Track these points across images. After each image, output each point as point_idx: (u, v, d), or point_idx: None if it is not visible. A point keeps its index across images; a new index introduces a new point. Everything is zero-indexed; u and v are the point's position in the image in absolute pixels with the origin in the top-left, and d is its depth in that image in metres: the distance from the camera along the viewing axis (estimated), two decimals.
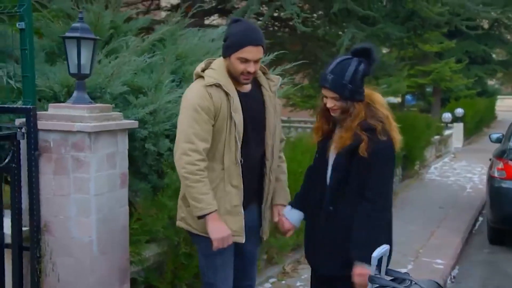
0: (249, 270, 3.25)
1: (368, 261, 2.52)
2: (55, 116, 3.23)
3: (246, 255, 3.17)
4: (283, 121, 6.23)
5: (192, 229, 3.03)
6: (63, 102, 3.54)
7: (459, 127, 18.16)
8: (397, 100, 23.53)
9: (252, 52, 2.87)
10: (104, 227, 3.28)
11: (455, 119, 18.23)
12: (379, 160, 2.82)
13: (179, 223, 3.12)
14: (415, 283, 2.45)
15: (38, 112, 3.24)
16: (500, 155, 6.78)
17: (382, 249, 2.48)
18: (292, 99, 15.31)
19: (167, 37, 4.58)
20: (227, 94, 2.89)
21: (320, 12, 8.00)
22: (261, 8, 7.63)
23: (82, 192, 3.19)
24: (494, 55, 28.25)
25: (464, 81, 21.96)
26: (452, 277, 5.75)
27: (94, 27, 4.27)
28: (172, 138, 4.35)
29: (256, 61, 2.90)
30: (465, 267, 6.15)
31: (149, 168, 4.25)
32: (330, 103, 2.90)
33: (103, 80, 3.79)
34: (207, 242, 2.89)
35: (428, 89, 25.23)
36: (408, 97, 27.77)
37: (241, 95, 2.97)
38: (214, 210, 2.82)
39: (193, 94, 2.89)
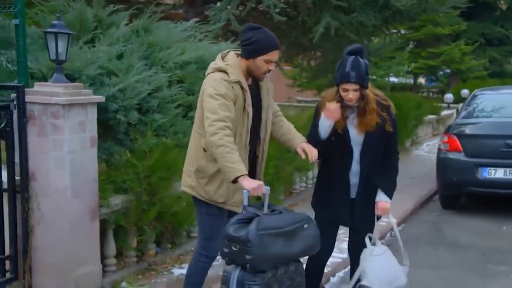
0: None
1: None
2: (39, 92, 4.27)
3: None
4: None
5: (199, 196, 3.61)
6: None
7: None
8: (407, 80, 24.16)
9: (275, 55, 3.51)
10: (77, 177, 4.32)
11: (461, 100, 18.87)
12: (395, 129, 3.83)
13: (185, 189, 3.72)
14: (280, 212, 3.37)
15: (26, 89, 4.28)
16: (446, 130, 7.68)
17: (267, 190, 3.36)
18: (298, 80, 16.28)
19: (140, 28, 5.59)
20: (243, 91, 3.48)
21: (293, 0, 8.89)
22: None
23: (58, 150, 4.22)
24: None
25: (474, 62, 22.46)
26: (392, 232, 6.68)
27: (80, 21, 5.33)
28: (143, 111, 5.43)
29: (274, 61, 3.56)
30: (409, 226, 7.08)
31: (124, 135, 5.29)
32: (352, 95, 3.63)
33: (81, 64, 4.83)
34: (209, 207, 3.59)
35: (448, 71, 25.78)
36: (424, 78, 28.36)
37: (249, 88, 3.54)
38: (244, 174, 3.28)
39: (223, 85, 3.40)
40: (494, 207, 7.84)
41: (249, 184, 3.25)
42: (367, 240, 3.92)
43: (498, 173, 7.02)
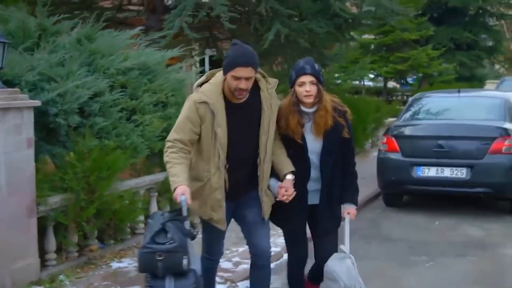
0: (253, 237, 3.84)
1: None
2: None
3: (251, 223, 3.81)
4: None
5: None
6: None
7: None
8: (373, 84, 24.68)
9: (242, 71, 3.40)
10: (12, 176, 4.61)
11: None
12: (351, 135, 3.89)
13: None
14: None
15: None
16: (386, 132, 8.09)
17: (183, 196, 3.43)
18: None
19: (82, 37, 5.92)
20: (212, 112, 3.48)
21: (247, 9, 9.26)
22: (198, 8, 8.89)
23: None
24: (490, 43, 29.12)
25: (442, 67, 23.02)
26: None
27: (23, 30, 5.64)
28: (86, 115, 5.74)
29: (247, 79, 3.43)
30: (351, 222, 7.42)
31: (66, 137, 5.60)
32: (309, 87, 3.64)
33: (20, 71, 5.14)
34: (203, 221, 3.78)
35: (420, 75, 26.32)
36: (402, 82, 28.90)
37: (235, 106, 3.54)
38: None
39: (187, 106, 3.55)
40: (433, 204, 8.25)
41: (174, 193, 3.40)
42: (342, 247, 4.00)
43: (431, 172, 7.42)
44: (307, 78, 3.66)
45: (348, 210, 3.99)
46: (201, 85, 3.59)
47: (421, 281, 5.13)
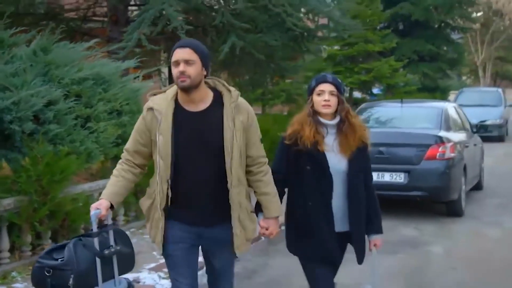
0: (220, 285, 3.48)
1: None
2: None
3: (217, 271, 3.43)
4: None
5: None
6: None
7: None
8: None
9: (178, 53, 3.13)
10: None
11: None
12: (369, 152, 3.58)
13: None
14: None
15: None
16: None
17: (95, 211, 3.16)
18: None
19: (38, 48, 6.28)
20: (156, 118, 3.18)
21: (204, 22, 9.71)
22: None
23: None
24: (455, 55, 29.99)
25: (405, 78, 23.74)
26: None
27: None
28: (41, 122, 6.09)
29: (186, 62, 3.11)
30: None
31: (21, 143, 5.94)
32: (328, 97, 3.37)
33: None
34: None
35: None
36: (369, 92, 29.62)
37: (189, 115, 3.20)
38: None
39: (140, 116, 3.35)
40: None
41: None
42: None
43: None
44: (327, 87, 3.40)
45: (375, 242, 3.65)
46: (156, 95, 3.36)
47: (348, 275, 5.55)
